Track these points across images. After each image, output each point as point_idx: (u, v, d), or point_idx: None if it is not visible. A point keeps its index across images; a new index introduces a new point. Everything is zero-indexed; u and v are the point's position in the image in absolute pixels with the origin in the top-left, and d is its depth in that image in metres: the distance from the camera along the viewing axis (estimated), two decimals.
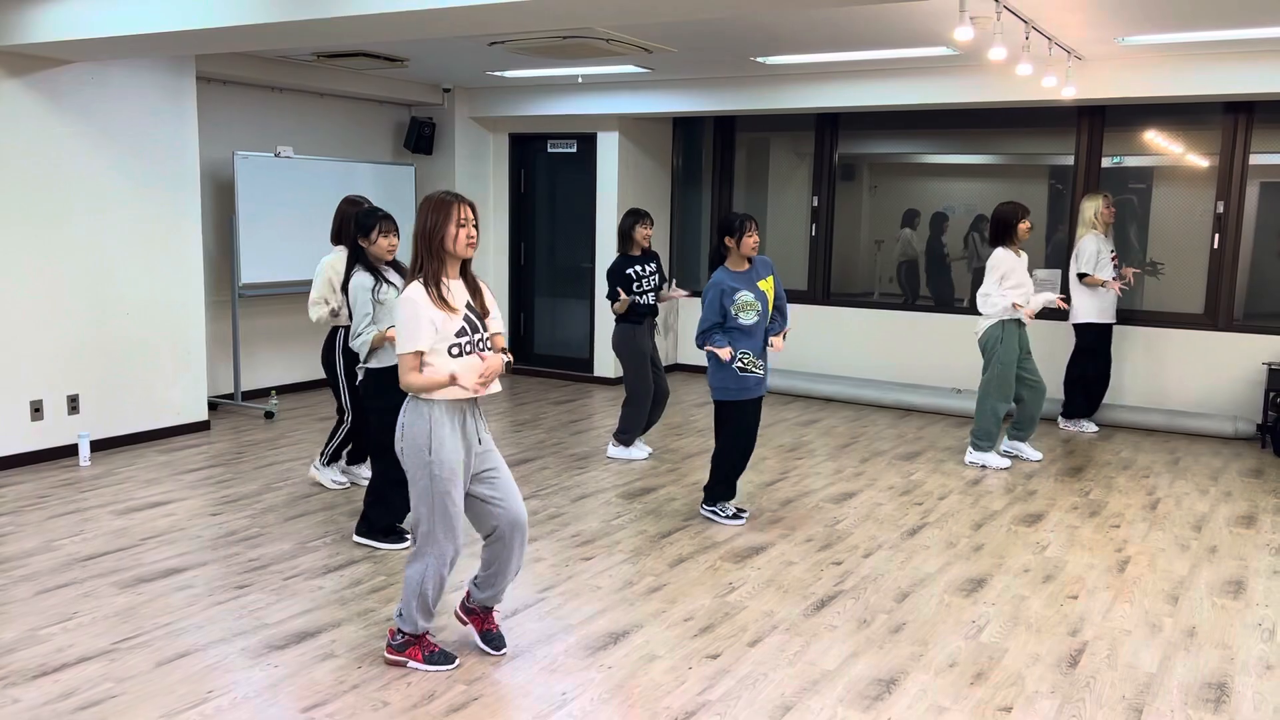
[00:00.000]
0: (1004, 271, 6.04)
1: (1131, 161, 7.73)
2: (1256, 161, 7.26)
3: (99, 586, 4.20)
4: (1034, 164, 8.18)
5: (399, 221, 6.18)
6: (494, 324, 3.50)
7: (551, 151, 9.30)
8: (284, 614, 3.95)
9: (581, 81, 8.36)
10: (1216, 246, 7.39)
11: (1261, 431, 6.99)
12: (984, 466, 6.31)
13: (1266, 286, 7.38)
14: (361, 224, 4.65)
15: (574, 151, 9.18)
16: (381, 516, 4.70)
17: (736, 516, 5.17)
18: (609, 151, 8.81)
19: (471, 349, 3.38)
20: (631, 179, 8.95)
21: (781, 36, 6.17)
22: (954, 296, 8.48)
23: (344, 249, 5.29)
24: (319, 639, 3.73)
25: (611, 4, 4.16)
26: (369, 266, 4.65)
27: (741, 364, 4.97)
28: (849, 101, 7.51)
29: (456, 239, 3.34)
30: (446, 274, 3.38)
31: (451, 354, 3.34)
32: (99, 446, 6.34)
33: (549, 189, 9.42)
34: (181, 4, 4.80)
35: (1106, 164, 7.74)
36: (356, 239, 4.67)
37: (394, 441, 4.31)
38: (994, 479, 6.05)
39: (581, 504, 5.44)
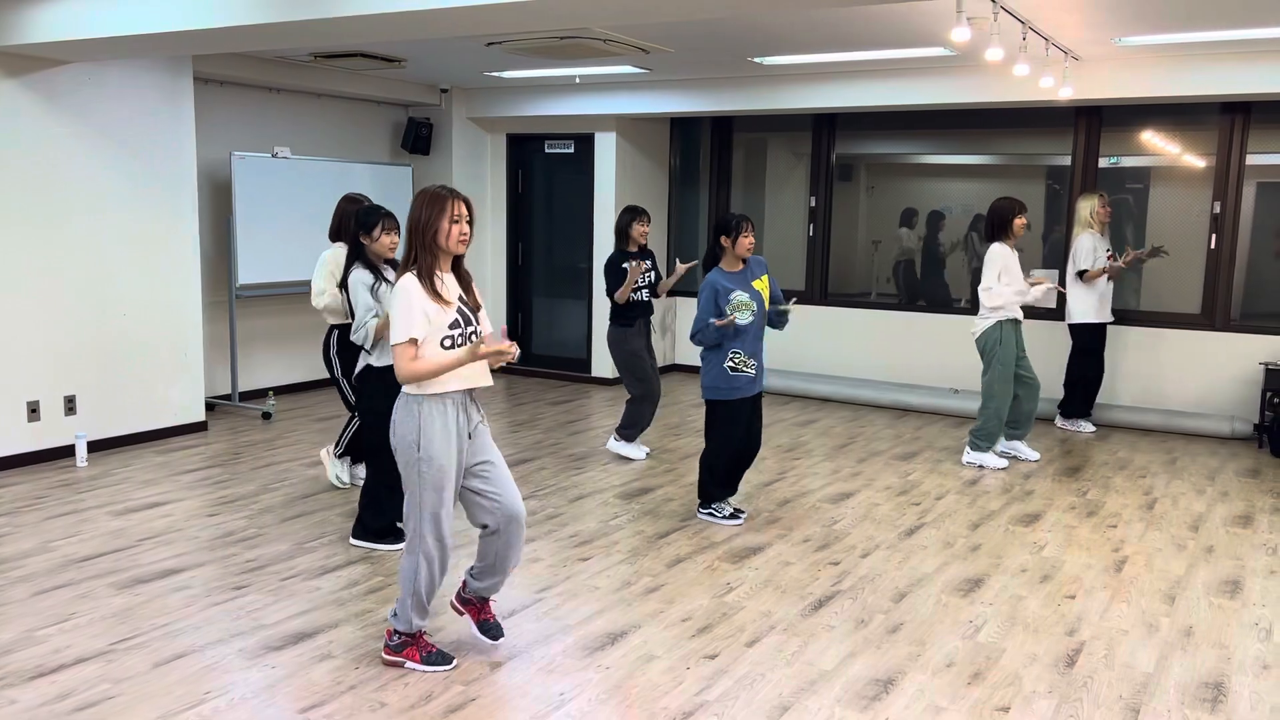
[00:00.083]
0: (1002, 265, 6.05)
1: (1128, 162, 7.74)
2: (1253, 161, 7.27)
3: (96, 587, 4.20)
4: (1031, 164, 8.19)
5: (399, 221, 6.15)
6: (484, 323, 3.49)
7: (549, 152, 9.30)
8: (281, 615, 3.95)
9: (579, 82, 8.36)
10: (1213, 246, 7.40)
11: (1258, 431, 7.00)
12: (981, 467, 6.32)
13: (1263, 286, 7.38)
14: (363, 221, 4.64)
15: (571, 152, 9.17)
16: (375, 519, 4.70)
17: (734, 516, 5.16)
18: (606, 152, 8.81)
19: (465, 341, 3.37)
20: (629, 179, 8.95)
21: (779, 37, 6.17)
22: (951, 296, 8.48)
23: (343, 245, 5.28)
24: (316, 640, 3.73)
25: (609, 4, 4.16)
26: (368, 264, 4.64)
27: (733, 364, 4.97)
28: (846, 102, 7.52)
29: (450, 234, 3.33)
30: (439, 267, 3.37)
31: (444, 346, 3.33)
32: (96, 447, 6.33)
33: (546, 189, 9.42)
34: (179, 5, 4.80)
35: (1103, 164, 7.75)
36: (357, 235, 4.66)
37: (387, 442, 4.32)
38: (991, 479, 6.05)
39: (579, 504, 5.44)
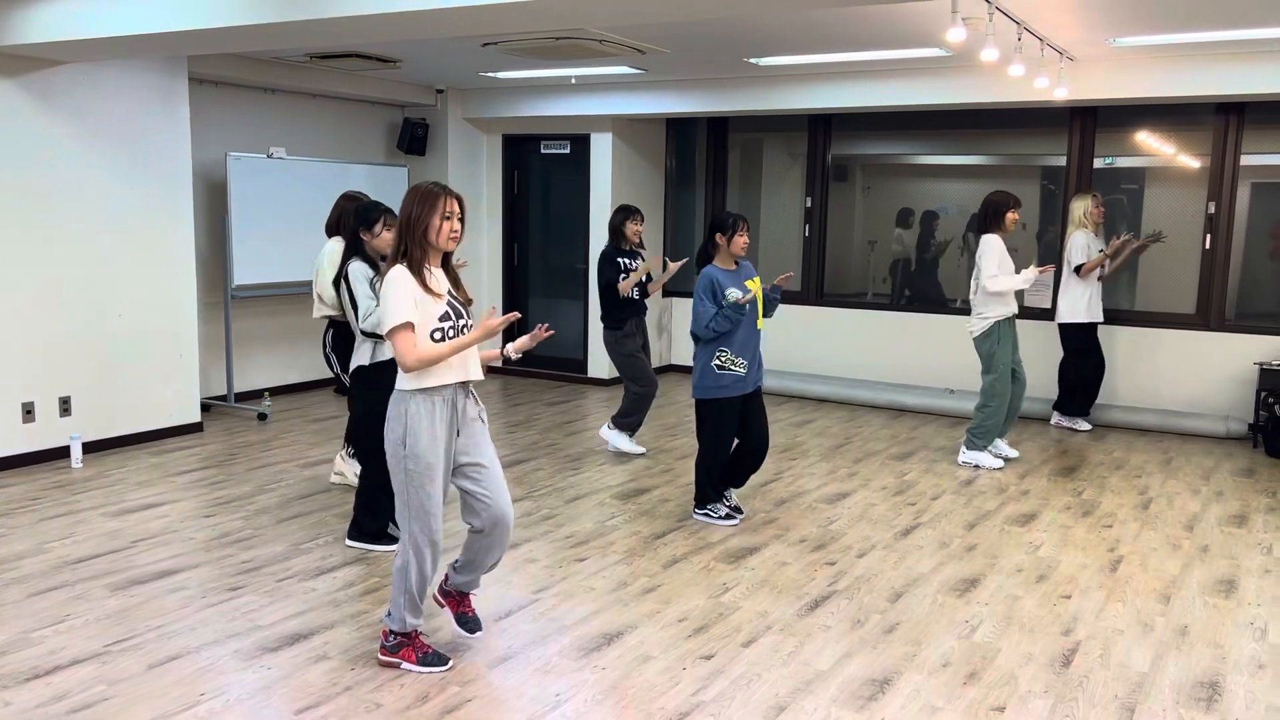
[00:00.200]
0: (1000, 254, 6.05)
1: (1123, 162, 7.75)
2: (1248, 162, 7.28)
3: (91, 589, 4.19)
4: (1026, 164, 8.20)
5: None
6: (473, 319, 3.49)
7: (545, 152, 9.29)
8: (277, 616, 3.94)
9: (575, 82, 8.36)
10: (1208, 247, 7.41)
11: (1253, 431, 7.01)
12: (977, 466, 6.32)
13: (1258, 287, 7.40)
14: (364, 216, 4.64)
15: (567, 152, 9.17)
16: (371, 520, 4.70)
17: (729, 517, 5.16)
18: (602, 152, 8.81)
19: (456, 334, 3.38)
20: (625, 180, 8.95)
21: (774, 37, 6.17)
22: (947, 296, 8.49)
23: (341, 239, 5.27)
24: (312, 641, 3.73)
25: (605, 5, 4.16)
26: (367, 259, 4.65)
27: (719, 362, 4.96)
28: (842, 102, 7.52)
29: (441, 231, 3.33)
30: (429, 262, 3.38)
31: (434, 338, 3.32)
32: (91, 448, 6.32)
33: (542, 190, 9.41)
34: (174, 5, 4.79)
35: (1099, 165, 7.76)
36: (357, 231, 4.66)
37: (382, 443, 4.33)
38: (987, 479, 6.06)
39: (575, 505, 5.44)
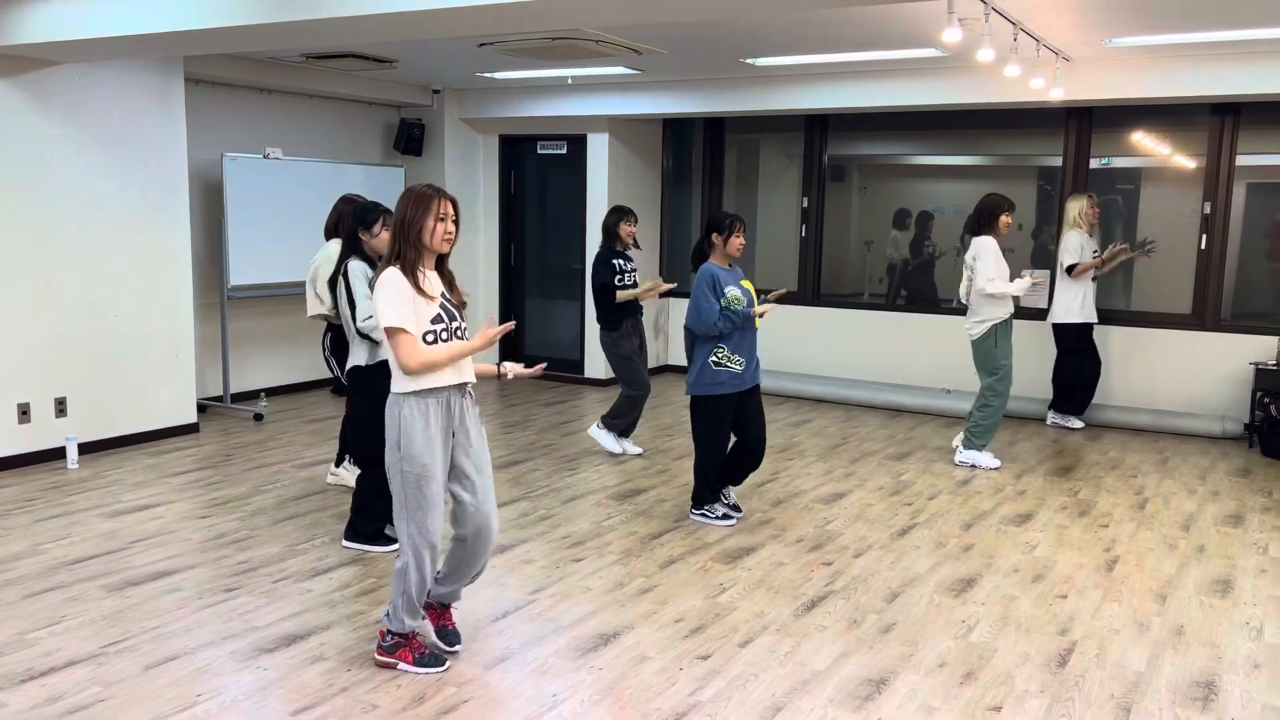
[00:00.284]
0: (997, 255, 6.05)
1: (1119, 162, 7.76)
2: (1243, 162, 7.29)
3: (87, 590, 4.18)
4: (1022, 165, 8.20)
5: None
6: (467, 322, 3.49)
7: (541, 153, 9.29)
8: (273, 617, 3.94)
9: (571, 83, 8.36)
10: (1204, 247, 7.42)
11: (1249, 431, 7.02)
12: (974, 466, 6.33)
13: (1253, 287, 7.41)
14: (362, 217, 4.63)
15: (564, 153, 9.17)
16: (367, 523, 4.69)
17: (726, 517, 5.17)
18: (599, 153, 8.80)
19: (449, 337, 3.37)
20: (622, 180, 8.95)
21: (771, 38, 6.17)
22: (943, 297, 8.49)
23: (340, 242, 5.26)
24: (308, 642, 3.72)
25: (601, 5, 4.16)
26: (364, 258, 4.65)
27: (716, 359, 4.96)
28: (838, 103, 7.53)
29: (434, 233, 3.33)
30: (423, 264, 3.37)
31: (426, 341, 3.33)
32: (87, 449, 6.31)
33: (539, 190, 9.41)
34: (170, 5, 4.78)
35: (1095, 165, 7.77)
36: (356, 231, 4.66)
37: (378, 447, 4.34)
38: (983, 479, 6.06)
39: (572, 505, 5.44)
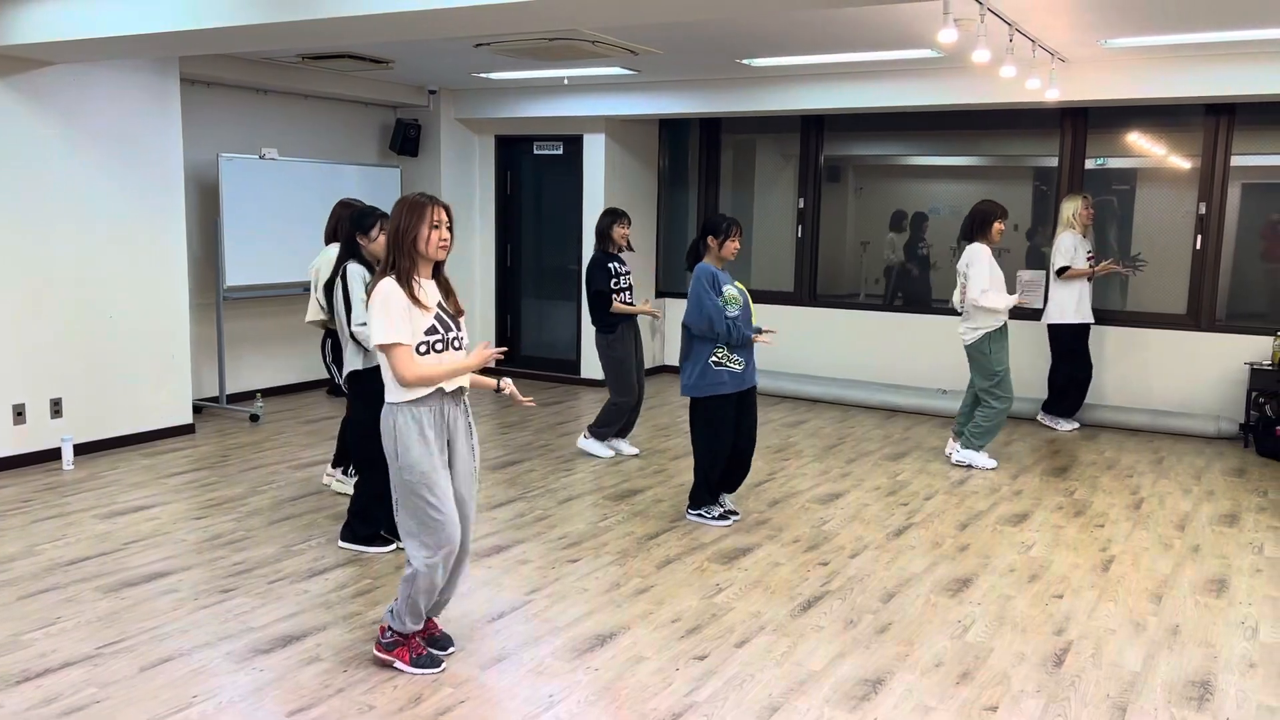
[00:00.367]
0: (990, 264, 6.06)
1: (1115, 163, 7.78)
2: (1238, 163, 7.31)
3: (82, 591, 4.17)
4: (1018, 165, 8.22)
5: None
6: (464, 330, 3.49)
7: (538, 153, 9.29)
8: (269, 618, 3.93)
9: (567, 83, 8.36)
10: (1199, 247, 7.43)
11: (1244, 431, 7.03)
12: (970, 466, 6.33)
13: (1248, 287, 7.43)
14: (360, 222, 4.64)
15: (560, 153, 9.17)
16: (364, 526, 4.68)
17: (723, 518, 5.17)
18: (595, 153, 8.81)
19: (444, 347, 3.37)
20: (618, 181, 8.95)
21: (767, 39, 6.18)
22: (940, 298, 8.49)
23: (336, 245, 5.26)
24: (304, 643, 3.72)
25: (597, 6, 4.16)
26: (363, 262, 4.66)
27: (716, 358, 4.96)
28: (834, 103, 7.53)
29: (429, 240, 3.34)
30: (418, 273, 3.38)
31: (420, 352, 3.33)
32: (82, 450, 6.29)
33: (535, 191, 9.41)
34: (166, 6, 4.78)
35: (1090, 165, 7.78)
36: (353, 236, 4.67)
37: (377, 451, 4.34)
38: (979, 479, 6.07)
39: (568, 506, 5.44)
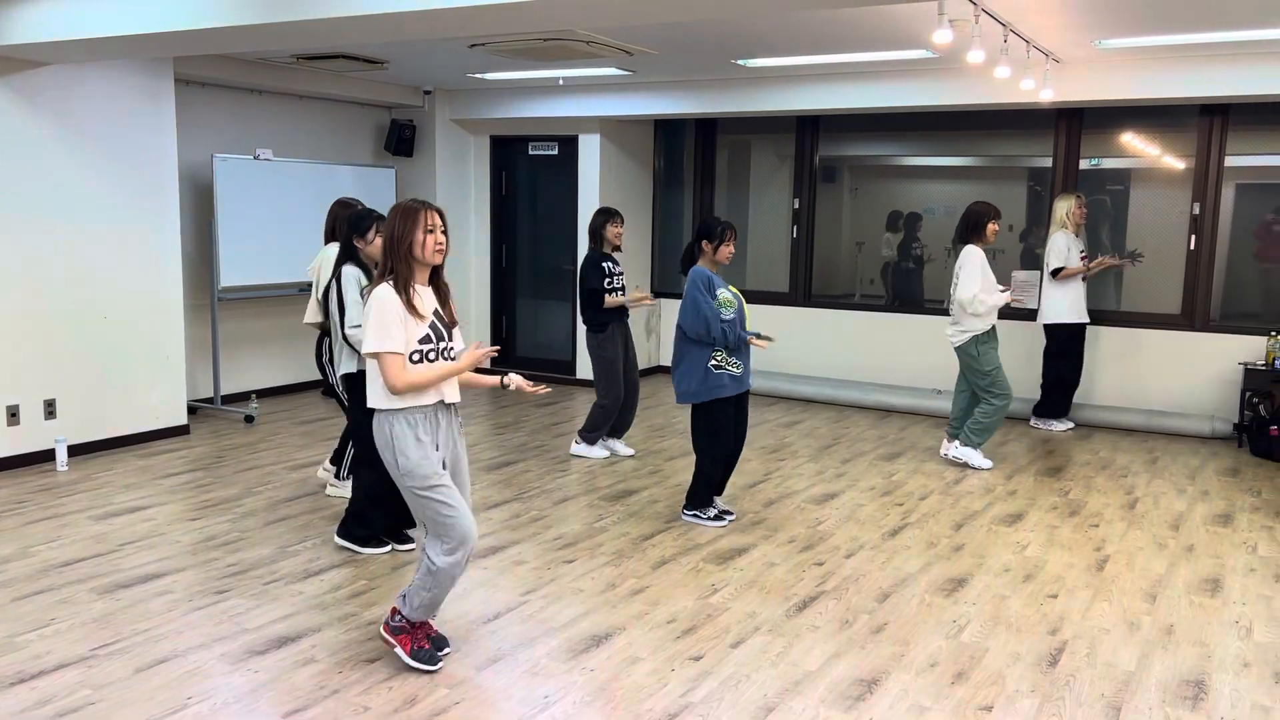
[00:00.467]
0: (982, 268, 6.07)
1: (1109, 163, 7.79)
2: (1232, 163, 7.33)
3: (76, 592, 4.16)
4: (1013, 166, 8.23)
5: None
6: (457, 340, 3.49)
7: (533, 154, 9.29)
8: (264, 619, 3.93)
9: (562, 84, 8.36)
10: (1193, 248, 7.45)
11: (1238, 431, 7.05)
12: (966, 464, 6.34)
13: (1242, 287, 7.44)
14: (356, 225, 4.64)
15: (555, 154, 9.17)
16: (360, 527, 4.68)
17: (719, 518, 5.17)
18: (590, 154, 8.81)
19: (436, 357, 3.37)
20: (613, 181, 8.95)
21: (762, 39, 6.18)
22: (935, 298, 8.50)
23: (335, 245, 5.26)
24: (300, 644, 3.71)
25: (592, 6, 4.15)
26: (360, 265, 4.66)
27: (716, 362, 4.97)
28: (829, 104, 7.54)
29: (425, 245, 3.34)
30: (416, 280, 3.37)
31: (413, 360, 3.33)
32: (76, 451, 6.28)
33: (530, 191, 9.40)
34: (160, 6, 4.77)
35: (1084, 166, 7.79)
36: (350, 238, 4.67)
37: (374, 454, 4.33)
38: (974, 479, 6.07)
39: (563, 506, 5.43)
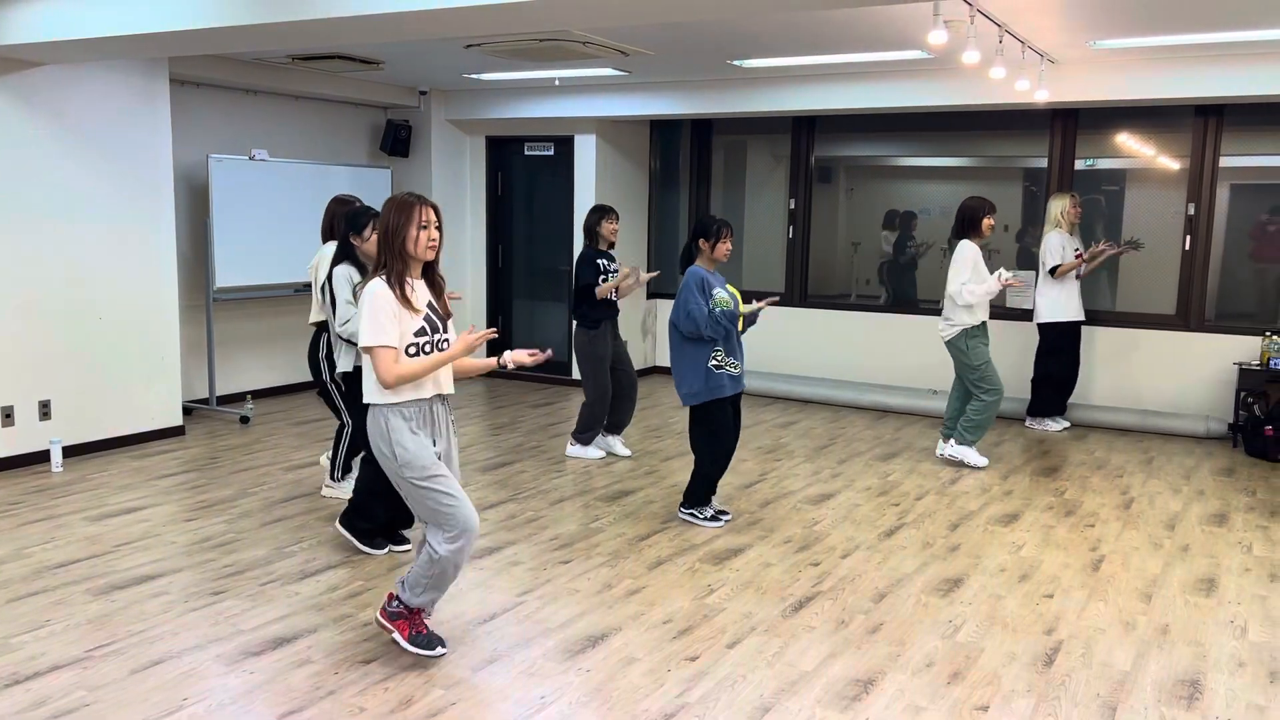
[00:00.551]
0: (973, 263, 6.08)
1: (1104, 164, 7.80)
2: (1226, 164, 7.34)
3: (71, 594, 4.16)
4: (1008, 166, 8.24)
5: None
6: (451, 333, 3.49)
7: (529, 154, 9.28)
8: (260, 620, 3.92)
9: (558, 84, 8.36)
10: (1188, 248, 7.47)
11: (1233, 431, 7.06)
12: (962, 462, 6.35)
13: (1237, 287, 7.46)
14: (353, 222, 4.65)
15: (551, 154, 9.16)
16: (361, 520, 4.68)
17: (716, 518, 5.17)
18: (586, 154, 8.80)
19: (432, 349, 3.38)
20: (609, 181, 8.95)
21: (757, 40, 6.18)
22: (932, 298, 8.52)
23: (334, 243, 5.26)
24: (295, 645, 3.71)
25: (588, 7, 4.15)
26: (356, 263, 4.66)
27: (716, 362, 4.98)
28: (825, 104, 7.54)
29: (418, 241, 3.34)
30: (409, 274, 3.38)
31: (409, 353, 3.33)
32: (71, 452, 6.27)
33: (526, 192, 9.40)
34: (155, 6, 4.76)
35: (1079, 166, 7.81)
36: (347, 235, 4.67)
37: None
38: (970, 479, 6.08)
39: (559, 507, 5.43)
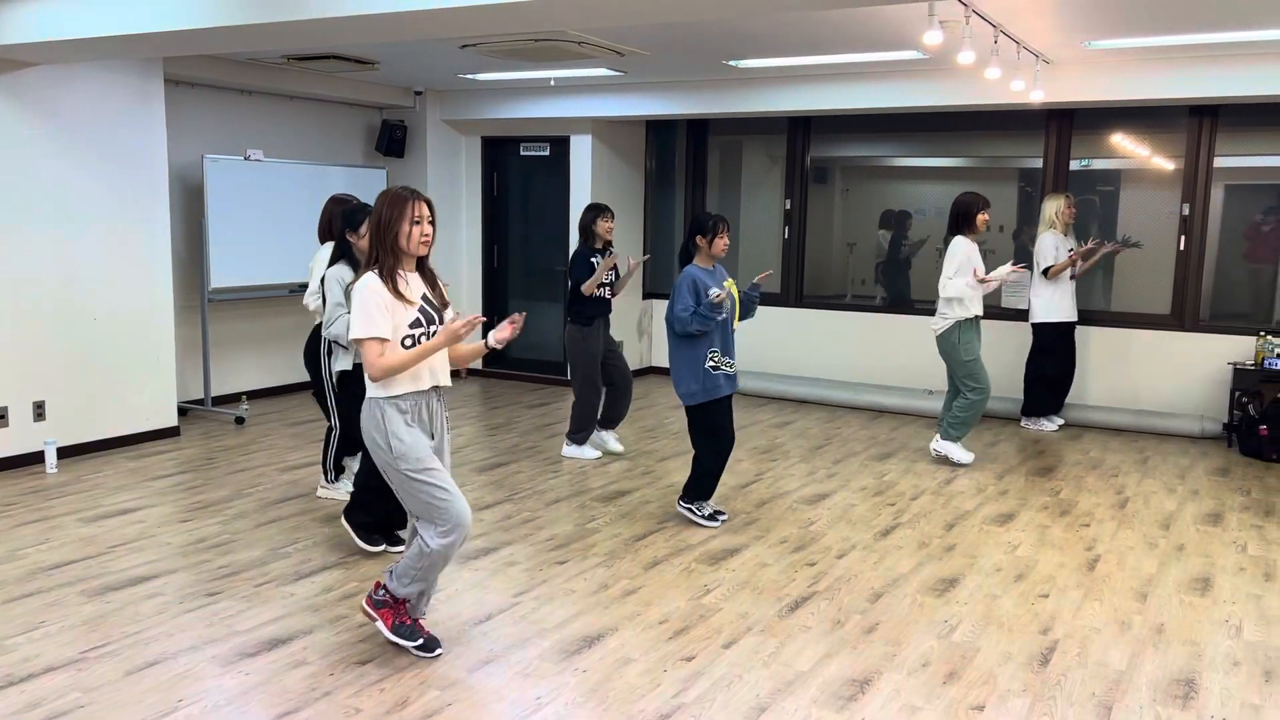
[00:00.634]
0: (962, 259, 6.11)
1: (1099, 164, 7.82)
2: (1221, 164, 7.35)
3: (66, 595, 4.14)
4: (1003, 166, 8.25)
5: None
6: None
7: (524, 154, 9.28)
8: (255, 621, 3.91)
9: (554, 84, 8.35)
10: (1182, 248, 7.48)
11: (1228, 431, 7.07)
12: (948, 458, 6.36)
13: (1232, 287, 7.48)
14: (350, 219, 4.66)
15: (547, 154, 9.16)
16: (364, 514, 4.67)
17: (713, 518, 5.17)
18: (582, 154, 8.80)
19: (428, 340, 3.38)
20: (605, 182, 8.95)
21: (753, 40, 6.19)
22: (927, 298, 8.52)
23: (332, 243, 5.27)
24: (291, 646, 3.70)
25: (584, 7, 4.15)
26: (352, 262, 4.66)
27: (713, 363, 4.98)
28: (821, 105, 7.55)
29: (410, 236, 3.34)
30: (402, 267, 3.38)
31: (405, 345, 3.33)
32: (66, 453, 6.25)
33: (522, 192, 9.39)
34: (150, 6, 4.75)
35: (1075, 166, 7.82)
36: (343, 233, 4.67)
37: None
38: (965, 479, 6.09)
39: (555, 507, 5.43)
